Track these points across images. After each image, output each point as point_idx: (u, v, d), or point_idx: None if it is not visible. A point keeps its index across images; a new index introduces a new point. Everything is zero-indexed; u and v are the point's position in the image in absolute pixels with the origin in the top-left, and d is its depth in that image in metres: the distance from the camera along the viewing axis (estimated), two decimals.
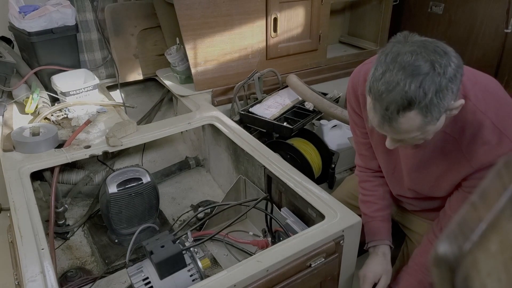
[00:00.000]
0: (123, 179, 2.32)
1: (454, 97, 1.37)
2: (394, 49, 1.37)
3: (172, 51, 3.12)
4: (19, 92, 2.71)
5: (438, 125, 1.44)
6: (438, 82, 1.29)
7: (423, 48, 1.33)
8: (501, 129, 1.49)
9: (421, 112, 1.34)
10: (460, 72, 1.35)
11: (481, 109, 1.51)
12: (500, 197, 0.52)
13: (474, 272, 0.49)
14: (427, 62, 1.31)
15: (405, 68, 1.31)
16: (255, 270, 1.54)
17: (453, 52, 1.36)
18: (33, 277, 1.54)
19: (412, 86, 1.30)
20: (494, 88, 1.61)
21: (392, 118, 1.37)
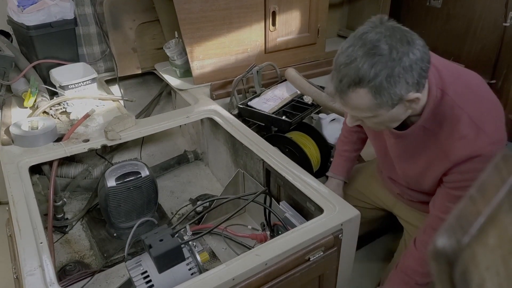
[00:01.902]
0: (121, 172, 2.32)
1: (410, 88, 1.41)
2: (366, 28, 1.42)
3: (170, 45, 3.12)
4: (18, 86, 2.71)
5: (395, 113, 1.50)
6: (391, 67, 1.35)
7: (389, 33, 1.38)
8: (478, 124, 1.51)
9: (371, 92, 1.40)
10: (421, 66, 1.39)
11: (459, 104, 1.54)
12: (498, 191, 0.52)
13: (472, 266, 0.50)
14: (386, 45, 1.35)
15: (365, 45, 1.38)
16: (254, 264, 1.54)
17: (421, 47, 1.40)
18: (32, 270, 1.54)
19: (365, 65, 1.36)
20: (476, 84, 1.64)
21: (343, 91, 1.45)
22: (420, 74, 1.40)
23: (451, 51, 3.65)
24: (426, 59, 1.41)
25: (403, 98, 1.43)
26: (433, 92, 1.55)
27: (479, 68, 3.46)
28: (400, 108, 1.49)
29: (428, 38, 3.86)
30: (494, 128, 1.53)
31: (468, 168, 1.53)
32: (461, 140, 1.53)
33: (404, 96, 1.42)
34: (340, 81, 1.44)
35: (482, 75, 3.42)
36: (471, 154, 1.50)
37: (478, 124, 1.51)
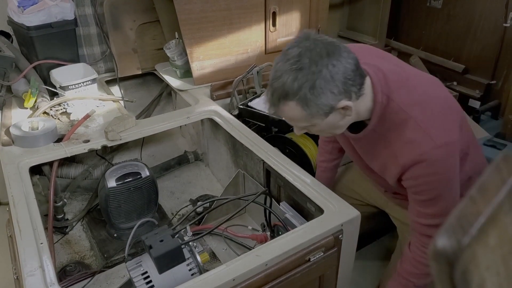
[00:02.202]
0: (122, 173, 2.32)
1: (338, 97, 1.46)
2: (291, 44, 1.50)
3: (171, 46, 3.12)
4: (18, 87, 2.71)
5: (331, 121, 1.55)
6: (312, 79, 1.41)
7: (311, 47, 1.44)
8: (423, 127, 1.52)
9: (300, 104, 1.46)
10: (344, 76, 1.44)
11: (405, 108, 1.56)
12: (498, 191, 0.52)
13: (473, 266, 0.50)
14: (307, 59, 1.41)
15: (288, 61, 1.45)
16: (254, 265, 1.54)
17: (344, 58, 1.45)
18: (32, 271, 1.54)
19: (289, 79, 1.43)
20: (425, 88, 1.65)
21: (275, 104, 1.53)
22: (344, 83, 1.45)
23: (451, 51, 3.66)
24: (350, 69, 1.46)
25: (334, 107, 1.49)
26: (378, 99, 1.58)
27: (479, 69, 3.48)
28: (336, 115, 1.54)
29: (428, 39, 3.89)
30: (441, 132, 1.52)
31: (418, 173, 1.54)
32: (407, 145, 1.54)
33: (334, 105, 1.48)
34: (272, 95, 1.52)
35: (483, 76, 3.45)
36: (416, 159, 1.51)
37: (423, 128, 1.52)
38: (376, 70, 1.61)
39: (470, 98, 3.54)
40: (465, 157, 1.69)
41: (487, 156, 2.46)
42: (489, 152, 2.56)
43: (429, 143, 1.49)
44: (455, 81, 3.63)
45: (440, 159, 1.49)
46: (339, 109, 1.51)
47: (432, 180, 1.53)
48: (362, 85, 1.52)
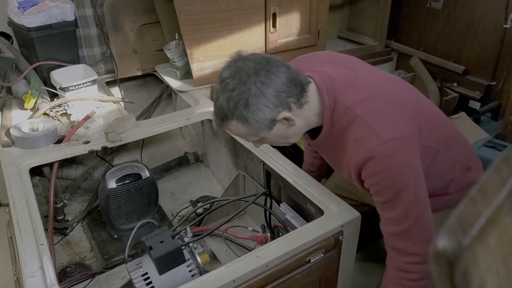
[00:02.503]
0: (122, 174, 2.32)
1: (276, 110, 1.50)
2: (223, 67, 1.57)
3: (171, 47, 3.12)
4: (18, 88, 2.71)
5: (278, 133, 1.58)
6: (243, 98, 1.46)
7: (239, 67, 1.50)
8: (369, 124, 1.50)
9: (240, 122, 1.51)
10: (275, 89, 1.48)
11: (351, 107, 1.55)
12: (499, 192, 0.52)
13: (473, 266, 0.50)
14: (235, 80, 1.48)
15: (221, 83, 1.52)
16: (254, 266, 1.54)
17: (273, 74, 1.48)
18: (32, 272, 1.54)
19: (224, 101, 1.49)
20: (376, 86, 1.64)
21: (220, 125, 1.58)
22: (277, 96, 1.48)
23: (451, 52, 3.66)
24: (281, 82, 1.48)
25: (275, 119, 1.52)
26: (326, 102, 1.59)
27: (479, 70, 3.48)
28: (280, 126, 1.56)
29: (428, 40, 3.90)
30: (389, 127, 1.49)
31: (370, 171, 1.51)
32: (356, 143, 1.53)
33: (273, 118, 1.51)
34: (216, 117, 1.58)
35: (483, 77, 3.45)
36: (366, 156, 1.48)
37: (369, 124, 1.50)
38: (323, 75, 1.63)
39: (470, 99, 3.54)
40: (436, 156, 1.66)
41: (487, 157, 2.47)
42: (489, 153, 2.56)
43: (376, 139, 1.47)
44: (455, 82, 3.63)
45: (389, 155, 1.46)
46: (281, 120, 1.54)
47: (385, 178, 1.49)
48: (302, 93, 1.55)
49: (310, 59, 1.80)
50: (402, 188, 1.47)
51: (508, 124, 2.94)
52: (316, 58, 1.81)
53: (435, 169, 1.65)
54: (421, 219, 1.51)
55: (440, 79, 3.61)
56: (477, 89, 3.49)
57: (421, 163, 1.55)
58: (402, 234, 1.54)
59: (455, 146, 1.73)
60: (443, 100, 3.43)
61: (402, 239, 1.55)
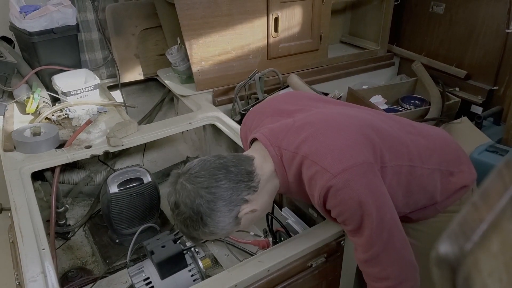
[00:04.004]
0: (124, 179, 2.32)
1: (234, 212, 1.48)
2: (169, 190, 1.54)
3: (173, 51, 3.12)
4: (20, 92, 2.71)
5: (246, 222, 1.55)
6: (199, 220, 1.45)
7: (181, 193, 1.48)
8: (316, 161, 1.47)
9: (209, 234, 1.51)
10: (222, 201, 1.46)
11: (295, 150, 1.53)
12: (501, 198, 0.52)
13: (475, 272, 0.49)
14: (182, 207, 1.46)
15: (173, 212, 1.51)
16: (256, 270, 1.54)
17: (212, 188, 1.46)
18: (34, 277, 1.54)
19: (183, 227, 1.49)
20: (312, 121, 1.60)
21: (194, 242, 1.59)
22: (229, 203, 1.47)
23: (453, 57, 3.66)
24: (223, 191, 1.46)
25: (237, 218, 1.51)
26: (272, 153, 1.57)
27: (481, 75, 3.48)
28: (247, 217, 1.54)
29: (430, 45, 3.90)
30: (336, 160, 1.45)
31: (330, 205, 1.49)
32: (310, 183, 1.50)
33: (235, 217, 1.50)
34: (188, 239, 1.57)
35: (485, 82, 3.45)
36: (321, 193, 1.46)
37: (316, 161, 1.47)
38: (264, 130, 1.62)
39: (473, 104, 3.54)
40: (412, 171, 1.63)
41: (490, 162, 2.47)
42: (492, 158, 2.55)
43: (325, 174, 1.44)
44: (457, 87, 3.62)
45: (342, 187, 1.43)
46: (244, 215, 1.52)
47: (344, 209, 1.46)
48: (251, 177, 1.53)
49: (254, 118, 1.78)
50: (363, 216, 1.44)
51: (510, 129, 2.93)
52: (260, 115, 1.77)
53: (415, 185, 1.61)
54: (388, 242, 1.48)
55: (442, 84, 3.61)
56: (479, 93, 3.48)
57: (397, 182, 1.55)
58: (371, 260, 1.51)
59: (430, 155, 1.69)
60: (445, 105, 3.42)
61: (372, 265, 1.53)
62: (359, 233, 1.49)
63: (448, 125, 3.11)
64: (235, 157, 1.54)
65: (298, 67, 3.42)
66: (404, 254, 1.50)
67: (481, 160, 2.53)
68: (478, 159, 2.53)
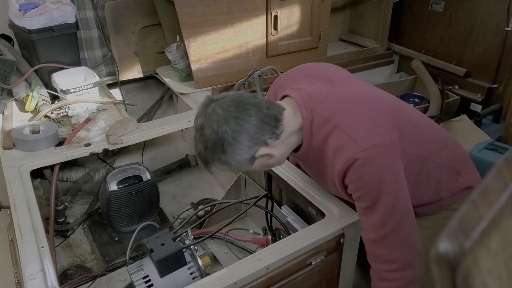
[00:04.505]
0: (123, 177, 2.32)
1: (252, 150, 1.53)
2: (197, 113, 1.59)
3: (172, 49, 3.12)
4: (19, 90, 2.71)
5: (261, 165, 1.62)
6: (219, 146, 1.50)
7: (212, 114, 1.52)
8: (347, 132, 1.51)
9: (221, 165, 1.56)
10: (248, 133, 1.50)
11: (328, 118, 1.57)
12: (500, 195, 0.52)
13: (475, 270, 0.49)
14: (209, 130, 1.51)
15: (197, 132, 1.56)
16: (256, 268, 1.54)
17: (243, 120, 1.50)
18: (33, 275, 1.54)
19: (202, 149, 1.54)
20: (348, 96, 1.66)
21: (205, 168, 1.61)
22: (252, 139, 1.51)
23: (453, 55, 3.66)
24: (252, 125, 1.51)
25: (253, 157, 1.55)
26: (304, 115, 1.61)
27: (481, 73, 3.48)
28: (261, 160, 1.58)
29: (430, 43, 3.89)
30: (367, 135, 1.51)
31: (351, 179, 1.53)
32: (336, 152, 1.54)
33: (251, 156, 1.55)
34: (200, 159, 1.60)
35: (484, 79, 3.45)
36: (345, 164, 1.50)
37: (347, 133, 1.52)
38: (299, 91, 1.66)
39: (472, 101, 3.53)
40: (424, 162, 1.66)
41: (489, 160, 2.47)
42: (491, 156, 2.55)
43: (355, 147, 1.48)
44: (457, 84, 3.62)
45: (368, 162, 1.48)
46: (260, 157, 1.56)
47: (364, 184, 1.51)
48: (277, 124, 1.56)
49: (288, 77, 1.83)
50: (381, 194, 1.48)
51: (510, 126, 2.94)
52: (294, 76, 1.83)
53: (424, 176, 1.66)
54: (400, 225, 1.51)
55: (442, 82, 3.61)
56: (478, 91, 3.48)
57: (410, 170, 1.57)
58: (381, 240, 1.54)
59: (442, 151, 1.73)
60: (445, 103, 3.42)
61: (381, 246, 1.55)
62: (373, 211, 1.52)
63: (447, 123, 3.11)
64: (268, 101, 1.60)
65: (297, 65, 3.40)
66: (413, 241, 1.54)
67: (480, 158, 2.53)
68: (477, 157, 2.53)
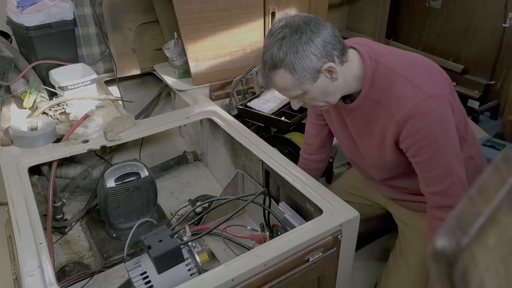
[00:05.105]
0: (121, 173, 2.31)
1: (321, 60, 1.59)
2: (275, 22, 1.66)
3: (170, 46, 3.12)
4: (17, 87, 2.71)
5: (321, 86, 1.66)
6: (294, 45, 1.56)
7: (290, 20, 1.60)
8: (412, 81, 1.60)
9: (288, 70, 1.59)
10: (323, 39, 1.58)
11: (393, 68, 1.66)
12: (498, 192, 0.52)
13: (472, 266, 0.50)
14: (287, 29, 1.57)
15: (272, 35, 1.60)
16: (253, 265, 1.54)
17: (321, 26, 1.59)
18: (31, 271, 1.54)
19: (275, 49, 1.58)
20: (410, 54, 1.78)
21: (267, 75, 1.66)
22: (324, 46, 1.58)
23: (450, 51, 3.66)
24: (327, 34, 1.59)
25: (319, 70, 1.60)
26: (367, 63, 1.68)
27: (478, 69, 3.48)
28: (323, 79, 1.64)
29: (427, 39, 3.90)
30: (430, 85, 1.60)
31: (414, 128, 1.59)
32: (400, 100, 1.61)
33: (318, 67, 1.60)
34: (264, 68, 1.66)
35: (482, 76, 3.46)
36: (411, 111, 1.57)
37: (412, 81, 1.60)
38: (363, 45, 1.74)
39: (469, 98, 3.54)
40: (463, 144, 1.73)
41: (487, 156, 2.47)
42: (489, 152, 2.55)
43: (420, 94, 1.57)
44: (454, 81, 3.62)
45: (433, 109, 1.55)
46: (325, 72, 1.61)
47: (429, 132, 1.57)
48: (344, 51, 1.65)
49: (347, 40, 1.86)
50: (443, 143, 1.57)
51: (507, 123, 2.94)
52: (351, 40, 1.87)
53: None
54: (461, 176, 1.62)
55: None
56: (476, 88, 3.49)
57: None
58: (446, 190, 1.64)
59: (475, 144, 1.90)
60: None
61: (447, 196, 1.64)
62: (434, 164, 1.62)
63: None
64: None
65: None
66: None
67: None
68: None
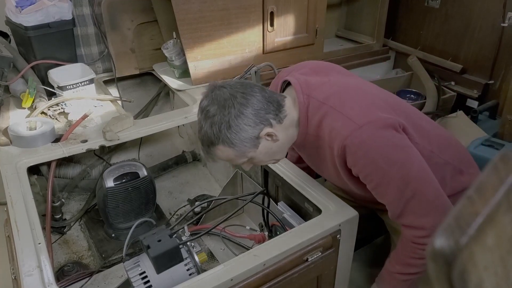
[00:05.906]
0: (120, 173, 2.32)
1: (257, 128, 1.56)
2: (202, 98, 1.61)
3: (168, 45, 3.12)
4: (16, 87, 2.71)
5: (264, 150, 1.63)
6: (226, 121, 1.52)
7: (218, 93, 1.56)
8: (342, 112, 1.57)
9: (226, 145, 1.56)
10: (253, 108, 1.55)
11: (323, 100, 1.63)
12: (496, 191, 0.52)
13: (471, 266, 0.50)
14: (214, 106, 1.54)
15: (202, 112, 1.57)
16: (252, 264, 1.54)
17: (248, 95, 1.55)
18: (30, 271, 1.54)
19: (207, 128, 1.55)
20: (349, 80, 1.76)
21: (208, 151, 1.63)
22: (257, 114, 1.55)
23: (449, 51, 3.66)
24: (257, 100, 1.56)
25: (258, 137, 1.57)
26: (300, 100, 1.66)
27: (477, 69, 3.48)
28: (265, 144, 1.62)
29: (426, 39, 3.90)
30: (362, 112, 1.56)
31: (354, 159, 1.56)
32: (333, 133, 1.59)
33: (256, 135, 1.57)
34: (202, 145, 1.64)
35: (480, 76, 3.46)
36: (343, 143, 1.54)
37: (342, 112, 1.57)
38: (298, 77, 1.73)
39: (468, 98, 3.54)
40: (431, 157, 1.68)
41: (485, 156, 2.47)
42: (487, 152, 2.56)
43: (350, 125, 1.53)
44: (453, 81, 3.63)
45: (368, 138, 1.51)
46: (265, 137, 1.59)
47: (368, 162, 1.53)
48: (280, 108, 1.61)
49: (290, 71, 1.87)
50: (387, 169, 1.51)
51: (506, 122, 2.94)
52: (295, 69, 1.88)
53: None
54: (418, 192, 1.53)
55: (438, 78, 3.61)
56: (474, 87, 3.49)
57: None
58: (402, 211, 1.58)
59: (447, 148, 1.77)
60: (441, 99, 3.43)
61: (405, 216, 1.59)
62: (385, 190, 1.57)
63: (443, 119, 3.11)
64: (269, 90, 1.65)
65: (294, 61, 3.38)
66: (438, 204, 1.54)
67: (476, 154, 2.53)
68: (473, 153, 2.53)
